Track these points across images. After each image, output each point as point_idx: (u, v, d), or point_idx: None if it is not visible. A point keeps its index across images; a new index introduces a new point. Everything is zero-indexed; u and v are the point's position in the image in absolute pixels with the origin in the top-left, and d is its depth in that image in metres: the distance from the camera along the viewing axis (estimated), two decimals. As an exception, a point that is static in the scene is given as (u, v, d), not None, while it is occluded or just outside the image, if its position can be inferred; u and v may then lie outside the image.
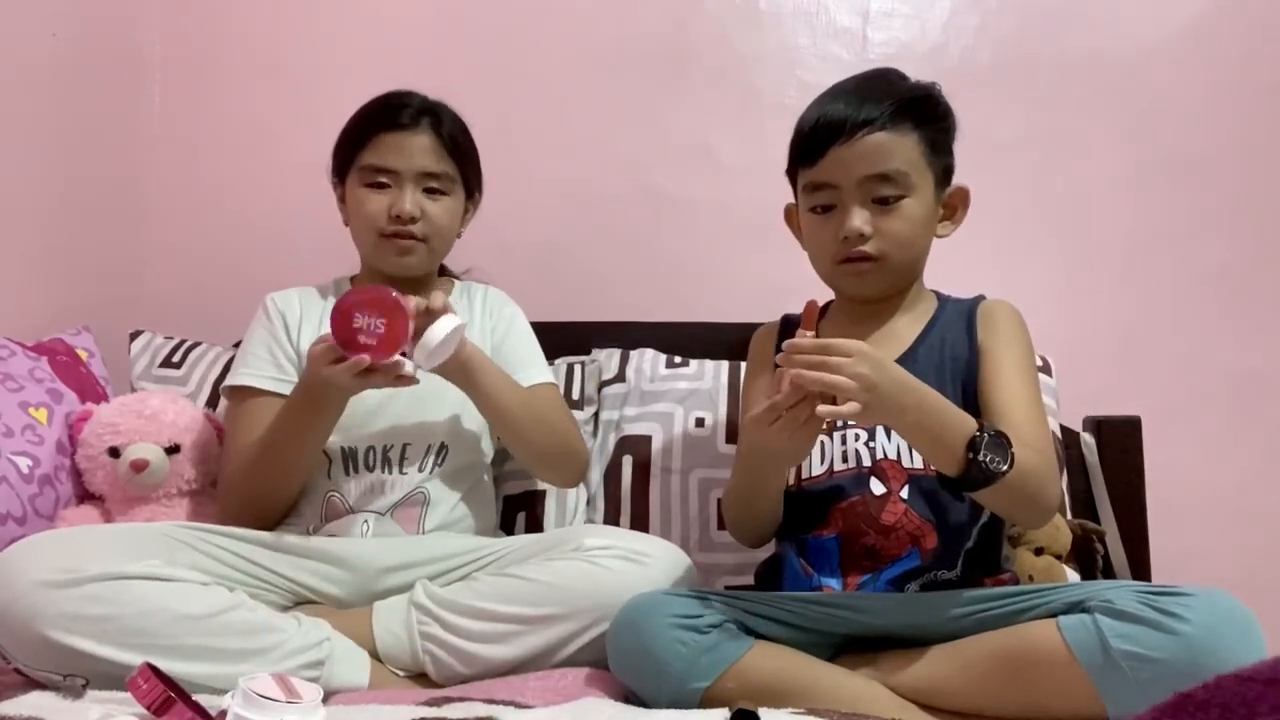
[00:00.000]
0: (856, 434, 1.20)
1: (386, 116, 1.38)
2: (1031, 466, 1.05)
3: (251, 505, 1.30)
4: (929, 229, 1.22)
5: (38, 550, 1.06)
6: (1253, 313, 1.84)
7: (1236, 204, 1.85)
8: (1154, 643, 0.87)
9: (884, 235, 1.17)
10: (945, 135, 1.21)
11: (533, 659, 1.13)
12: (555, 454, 1.40)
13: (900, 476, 1.17)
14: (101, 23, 1.85)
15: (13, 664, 1.02)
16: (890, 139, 1.16)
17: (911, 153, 1.17)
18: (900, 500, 1.15)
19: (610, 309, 1.81)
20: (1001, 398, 1.15)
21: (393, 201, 1.36)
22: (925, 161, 1.18)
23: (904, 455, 1.17)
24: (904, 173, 1.16)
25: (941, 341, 1.22)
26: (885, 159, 1.15)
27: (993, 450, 1.01)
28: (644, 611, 1.03)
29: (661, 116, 1.91)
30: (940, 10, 1.90)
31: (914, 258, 1.23)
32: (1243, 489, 1.80)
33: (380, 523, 1.30)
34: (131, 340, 1.74)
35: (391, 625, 1.18)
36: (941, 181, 1.21)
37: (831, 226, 1.19)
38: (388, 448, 1.34)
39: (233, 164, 1.97)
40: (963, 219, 1.25)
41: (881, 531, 1.14)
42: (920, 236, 1.20)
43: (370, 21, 1.96)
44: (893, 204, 1.17)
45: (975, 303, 1.26)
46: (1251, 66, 1.85)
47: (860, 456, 1.18)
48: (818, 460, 1.21)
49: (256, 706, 0.84)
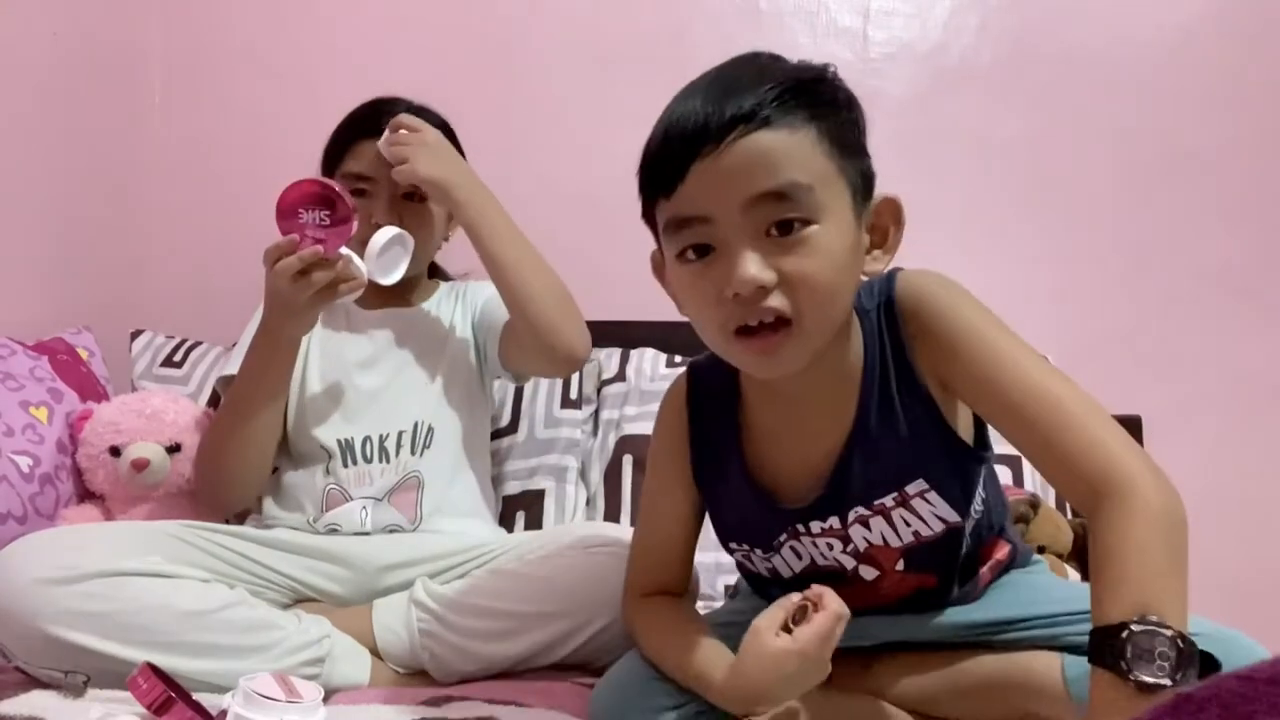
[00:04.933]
0: (829, 544, 0.94)
1: (366, 123, 1.39)
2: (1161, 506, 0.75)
3: (217, 468, 1.33)
4: (854, 263, 0.83)
5: (38, 548, 1.06)
6: (1253, 312, 1.84)
7: (1237, 203, 1.85)
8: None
9: (792, 284, 0.79)
10: (854, 129, 0.84)
11: (533, 655, 1.13)
12: (562, 301, 1.32)
13: (893, 556, 0.94)
14: (101, 23, 1.85)
15: (13, 662, 1.02)
16: (776, 139, 0.78)
17: (811, 156, 0.79)
18: (897, 572, 0.96)
19: (610, 309, 1.81)
20: (1010, 375, 0.82)
21: (370, 209, 1.36)
22: (834, 166, 0.80)
23: (890, 538, 0.93)
24: (804, 185, 0.78)
25: (884, 387, 0.89)
26: (773, 169, 0.78)
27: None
28: (630, 707, 0.93)
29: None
30: (941, 9, 1.90)
31: (841, 310, 0.85)
32: (1243, 489, 1.80)
33: (378, 508, 1.31)
34: (132, 340, 1.75)
35: (391, 623, 1.18)
36: (861, 194, 0.83)
37: (712, 278, 0.81)
38: (384, 436, 1.34)
39: (233, 163, 1.97)
40: (898, 243, 0.87)
41: (880, 598, 0.97)
42: (844, 277, 0.82)
43: (370, 21, 1.96)
44: (797, 233, 0.79)
45: (888, 304, 0.89)
46: (1251, 66, 1.85)
47: (842, 561, 0.95)
48: (793, 561, 0.98)
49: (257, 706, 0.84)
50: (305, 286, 1.18)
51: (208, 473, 1.36)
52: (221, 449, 1.31)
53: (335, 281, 1.20)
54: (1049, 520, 1.38)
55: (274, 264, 1.18)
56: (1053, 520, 1.38)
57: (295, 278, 1.17)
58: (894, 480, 0.90)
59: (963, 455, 0.90)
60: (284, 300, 1.20)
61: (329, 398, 1.37)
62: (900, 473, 0.90)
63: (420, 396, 1.39)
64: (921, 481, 0.90)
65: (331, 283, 1.20)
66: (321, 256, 1.17)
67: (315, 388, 1.38)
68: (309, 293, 1.19)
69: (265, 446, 1.32)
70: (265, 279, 1.21)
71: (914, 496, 0.90)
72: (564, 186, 1.91)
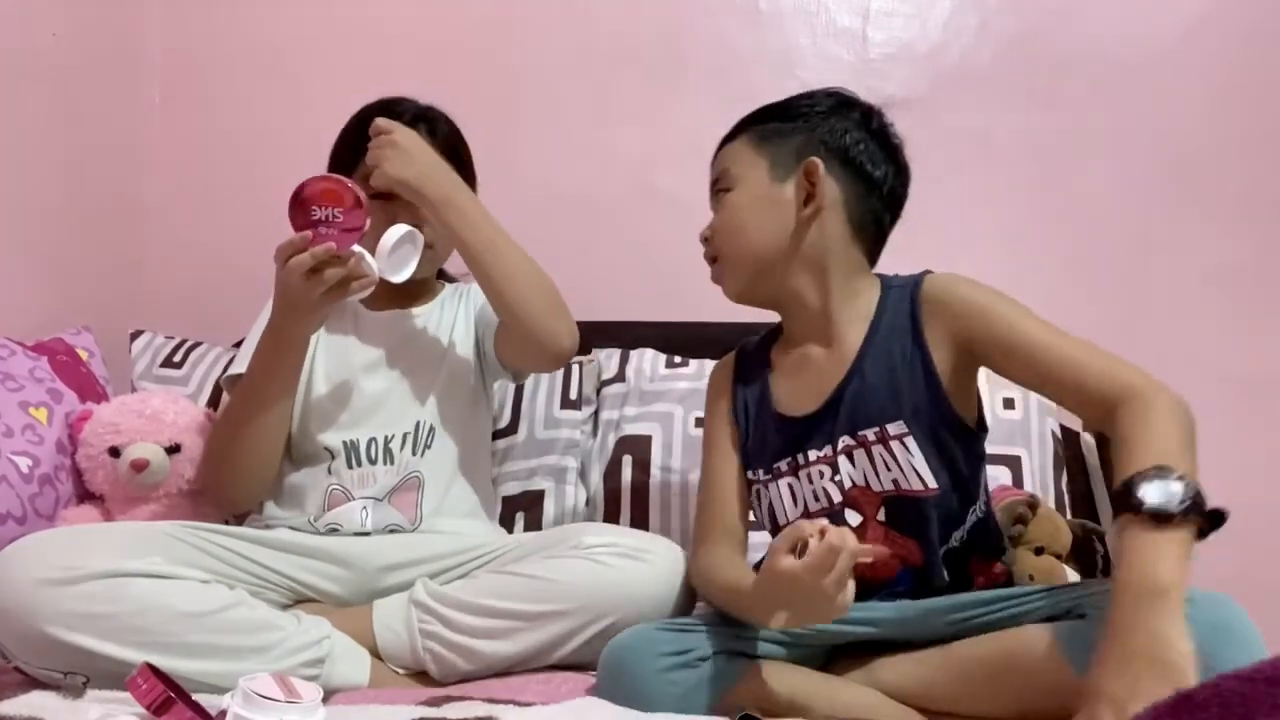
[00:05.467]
0: (820, 470, 1.14)
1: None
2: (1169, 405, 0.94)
3: (225, 467, 1.32)
4: (765, 214, 1.17)
5: (38, 548, 1.06)
6: (1253, 313, 1.84)
7: (1237, 204, 1.85)
8: None
9: (715, 233, 1.23)
10: (775, 128, 1.20)
11: (533, 655, 1.13)
12: (545, 292, 1.31)
13: (874, 501, 1.11)
14: (101, 23, 1.85)
15: (13, 662, 1.02)
16: (726, 149, 1.24)
17: (740, 152, 1.21)
18: (879, 524, 1.11)
19: (610, 309, 1.81)
20: (1060, 359, 1.02)
21: (396, 212, 1.35)
22: (752, 153, 1.20)
23: (871, 480, 1.11)
24: (725, 170, 1.21)
25: (888, 347, 1.13)
26: (718, 164, 1.24)
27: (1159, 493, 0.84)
28: (632, 652, 1.00)
29: (661, 116, 1.91)
30: (940, 10, 1.90)
31: (753, 246, 1.18)
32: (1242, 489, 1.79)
33: (378, 508, 1.31)
34: (132, 340, 1.75)
35: (392, 623, 1.18)
36: (781, 165, 1.18)
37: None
38: (389, 438, 1.34)
39: (233, 164, 1.97)
40: (822, 194, 1.15)
41: (869, 568, 1.06)
42: (750, 223, 1.18)
43: (369, 21, 1.96)
44: (721, 200, 1.22)
45: (915, 287, 1.14)
46: (1251, 66, 1.85)
47: (829, 493, 1.13)
48: (789, 503, 1.16)
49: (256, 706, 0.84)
50: (317, 284, 1.17)
51: (216, 472, 1.35)
52: (230, 448, 1.31)
53: (347, 279, 1.19)
54: (1048, 520, 1.37)
55: (286, 261, 1.17)
56: (1052, 520, 1.38)
57: (307, 275, 1.16)
58: (877, 416, 1.10)
59: (949, 420, 1.10)
60: (295, 298, 1.19)
61: (334, 400, 1.37)
62: (883, 410, 1.10)
63: (423, 397, 1.39)
64: (901, 424, 1.09)
65: (343, 280, 1.19)
66: (334, 254, 1.17)
67: (321, 389, 1.38)
68: (321, 290, 1.18)
69: (274, 445, 1.32)
70: (275, 276, 1.20)
71: (893, 438, 1.09)
72: (564, 186, 1.91)
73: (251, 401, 1.29)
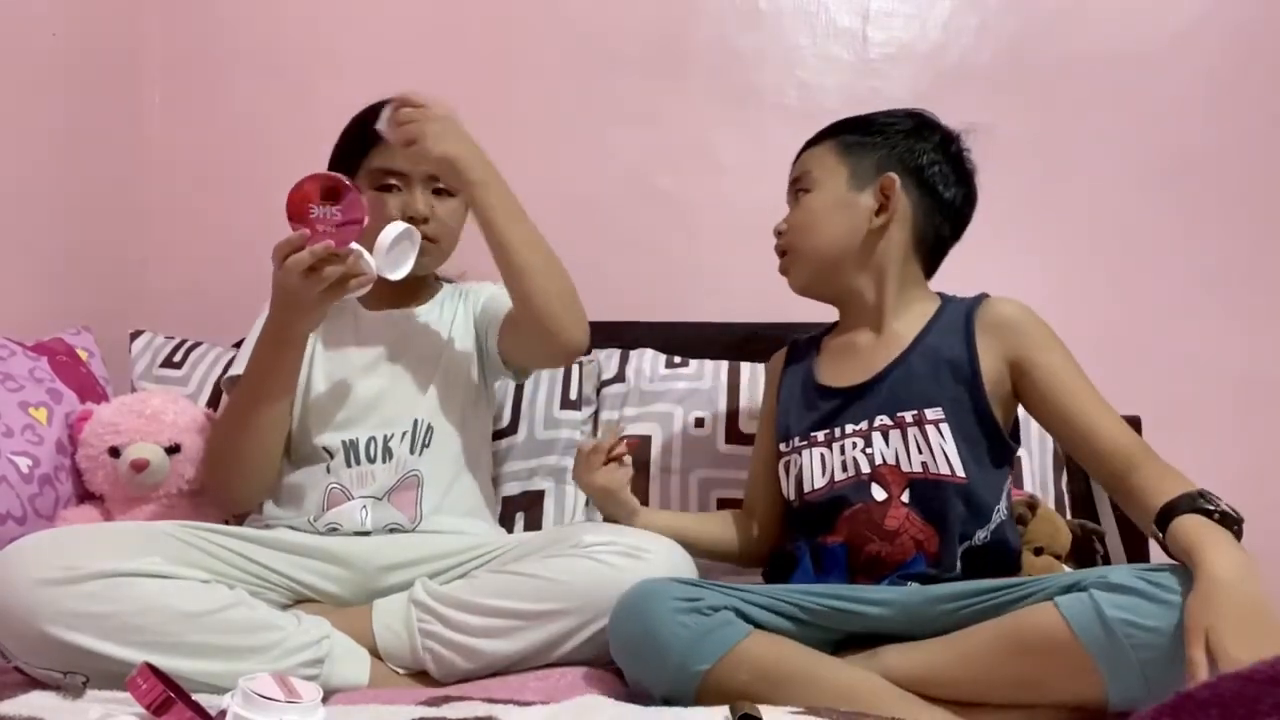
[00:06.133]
0: (854, 442, 1.22)
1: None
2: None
3: (225, 467, 1.32)
4: (839, 218, 1.28)
5: (37, 548, 1.06)
6: (1253, 313, 1.84)
7: (1236, 204, 1.85)
8: (1148, 611, 0.90)
9: (790, 228, 1.33)
10: (858, 140, 1.30)
11: (534, 654, 1.13)
12: (565, 289, 1.30)
13: (900, 481, 1.18)
14: (101, 23, 1.85)
15: (13, 662, 1.02)
16: (810, 153, 1.34)
17: (823, 157, 1.31)
18: (902, 505, 1.17)
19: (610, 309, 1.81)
20: (1081, 408, 1.18)
21: (405, 203, 1.36)
22: (835, 160, 1.29)
23: (902, 460, 1.19)
24: (807, 172, 1.31)
25: (938, 344, 1.24)
26: (800, 166, 1.34)
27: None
28: (646, 596, 1.04)
29: (661, 116, 1.91)
30: (940, 10, 1.90)
31: (823, 245, 1.29)
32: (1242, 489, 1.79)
33: (378, 507, 1.31)
34: (132, 340, 1.75)
35: (391, 623, 1.18)
36: (860, 176, 1.28)
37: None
38: (388, 437, 1.34)
39: (233, 164, 1.97)
40: (894, 208, 1.26)
41: (885, 537, 1.16)
42: (824, 225, 1.28)
43: (369, 21, 1.96)
44: (799, 199, 1.32)
45: (975, 303, 1.27)
46: (1251, 67, 1.85)
47: (859, 464, 1.21)
48: (819, 472, 1.24)
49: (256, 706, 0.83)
50: (316, 282, 1.17)
51: (216, 472, 1.35)
52: (230, 447, 1.31)
53: (345, 277, 1.19)
54: (1048, 521, 1.38)
55: (284, 259, 1.17)
56: (1051, 521, 1.38)
57: (305, 273, 1.16)
58: (918, 399, 1.20)
59: (985, 419, 1.19)
60: (294, 296, 1.19)
61: (333, 400, 1.37)
62: (924, 395, 1.20)
63: (422, 396, 1.39)
64: (940, 410, 1.18)
65: (341, 278, 1.19)
66: (332, 251, 1.17)
67: (320, 389, 1.38)
68: (319, 288, 1.18)
69: (274, 444, 1.32)
70: (274, 275, 1.20)
71: (929, 423, 1.18)
72: (564, 186, 1.91)
73: (250, 401, 1.29)
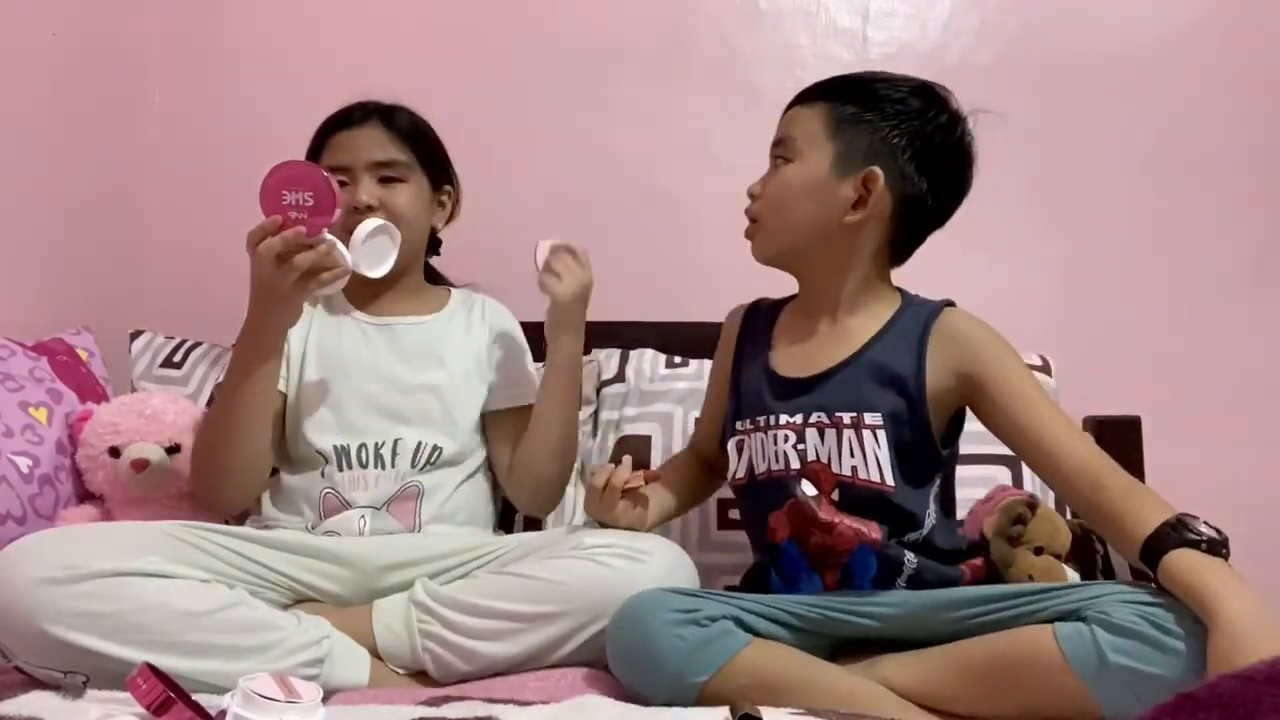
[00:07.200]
0: (785, 435, 1.18)
1: (338, 119, 1.43)
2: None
3: (209, 468, 1.31)
4: (814, 202, 1.18)
5: (38, 548, 1.06)
6: (1253, 312, 1.84)
7: (1237, 204, 1.85)
8: (1150, 658, 0.88)
9: (763, 198, 1.23)
10: (854, 115, 1.18)
11: (533, 656, 1.13)
12: (562, 476, 1.44)
13: (831, 481, 1.16)
14: (101, 23, 1.85)
15: (13, 662, 1.02)
16: (800, 113, 1.22)
17: (811, 125, 1.19)
18: (832, 502, 1.16)
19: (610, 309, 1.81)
20: (1043, 424, 1.12)
21: (352, 196, 1.37)
22: (824, 135, 1.18)
23: (833, 460, 1.16)
24: (792, 138, 1.20)
25: (889, 352, 1.19)
26: (787, 126, 1.23)
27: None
28: (643, 607, 1.04)
29: (661, 116, 1.91)
30: (940, 10, 1.90)
31: (791, 226, 1.20)
32: (1242, 489, 1.79)
33: (377, 517, 1.31)
34: (132, 340, 1.74)
35: (391, 623, 1.18)
36: (846, 161, 1.17)
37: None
38: (379, 444, 1.34)
39: (231, 163, 1.97)
40: (873, 205, 1.17)
41: (823, 529, 1.14)
42: (797, 204, 1.19)
43: (369, 22, 1.96)
44: (779, 167, 1.22)
45: (935, 312, 1.21)
46: (1252, 66, 1.85)
47: (789, 459, 1.18)
48: (760, 459, 1.21)
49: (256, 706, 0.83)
50: (289, 271, 1.17)
51: (201, 473, 1.34)
52: (213, 448, 1.30)
53: (317, 268, 1.19)
54: (1047, 520, 1.37)
55: (256, 246, 1.17)
56: (1051, 520, 1.38)
57: (278, 262, 1.16)
58: (858, 403, 1.16)
59: (922, 432, 1.16)
60: (268, 286, 1.19)
61: (326, 403, 1.37)
62: (866, 400, 1.16)
63: (423, 405, 1.38)
64: (878, 417, 1.15)
65: (314, 268, 1.19)
66: (304, 238, 1.17)
67: (312, 392, 1.38)
68: (293, 277, 1.17)
69: (257, 445, 1.30)
70: (250, 265, 1.20)
71: (865, 426, 1.15)
72: (564, 187, 1.91)
73: (231, 401, 1.27)
